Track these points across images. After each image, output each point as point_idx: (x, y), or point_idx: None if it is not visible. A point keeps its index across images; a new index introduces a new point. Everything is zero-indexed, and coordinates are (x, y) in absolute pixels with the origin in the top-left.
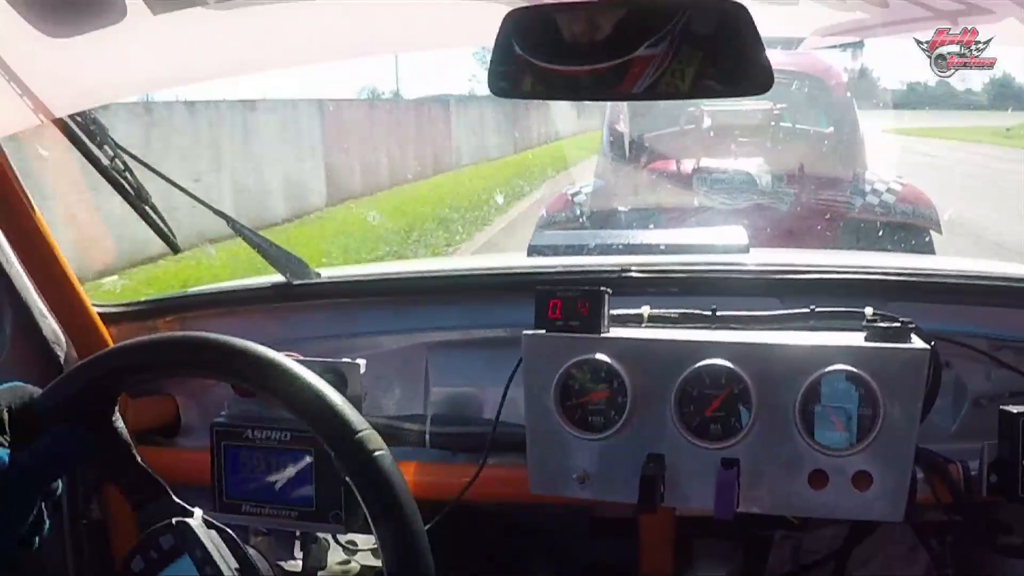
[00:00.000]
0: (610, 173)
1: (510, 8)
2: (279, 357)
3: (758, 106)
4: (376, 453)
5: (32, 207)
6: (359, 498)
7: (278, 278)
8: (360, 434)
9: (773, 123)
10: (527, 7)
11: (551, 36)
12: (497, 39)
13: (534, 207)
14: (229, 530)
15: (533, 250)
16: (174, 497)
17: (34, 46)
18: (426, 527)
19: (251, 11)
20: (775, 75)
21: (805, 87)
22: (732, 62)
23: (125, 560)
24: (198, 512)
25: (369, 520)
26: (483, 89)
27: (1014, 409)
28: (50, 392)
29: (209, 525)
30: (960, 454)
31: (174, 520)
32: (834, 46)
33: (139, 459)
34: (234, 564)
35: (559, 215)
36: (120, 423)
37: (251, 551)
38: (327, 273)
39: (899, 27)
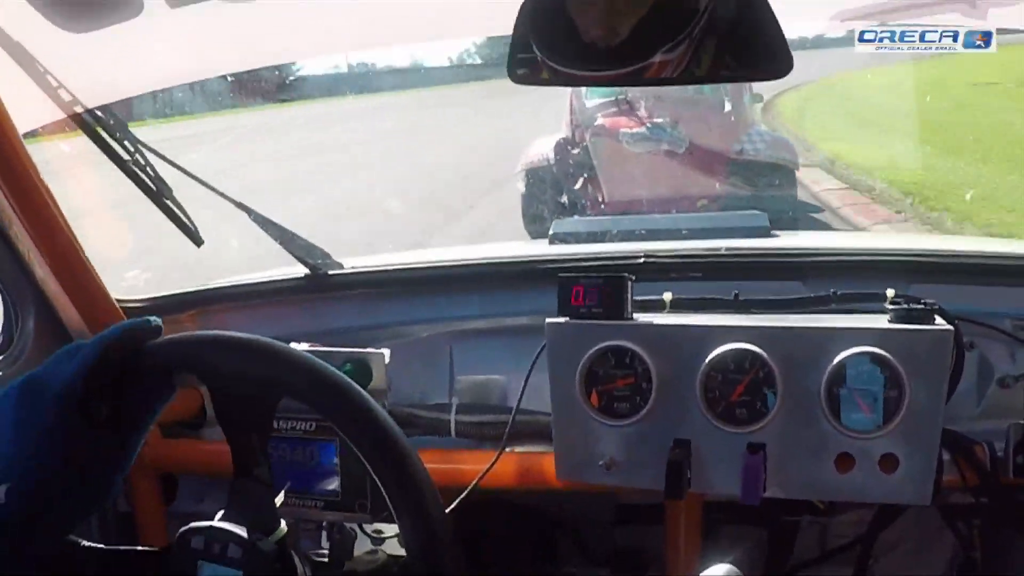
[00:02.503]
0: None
1: None
2: (290, 349)
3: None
4: (398, 443)
5: (54, 201)
6: (381, 489)
7: (302, 270)
8: (381, 424)
9: (682, 90)
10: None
11: (568, 37)
12: (515, 29)
13: None
14: (298, 566)
15: (555, 238)
16: (271, 499)
17: (52, 41)
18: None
19: (267, 1)
20: None
21: None
22: (750, 46)
23: (186, 532)
24: (282, 530)
25: (393, 510)
26: None
27: None
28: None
29: (279, 555)
30: (986, 435)
31: (249, 537)
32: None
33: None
34: None
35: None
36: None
37: None
38: (350, 263)
39: (920, 9)
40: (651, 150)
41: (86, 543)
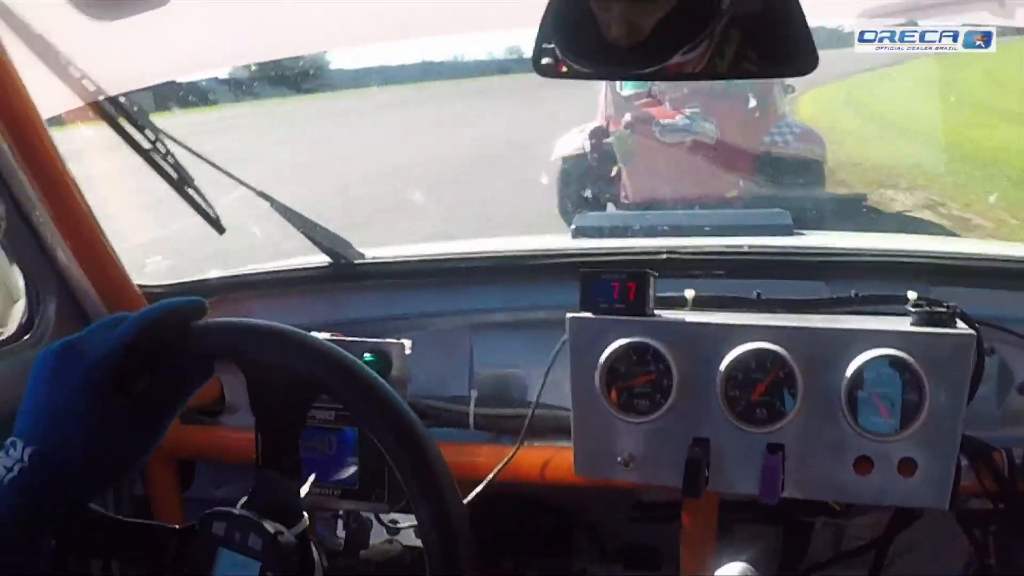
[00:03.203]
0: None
1: None
2: (330, 346)
3: None
4: (418, 434)
5: (77, 187)
6: (400, 479)
7: (323, 259)
8: (404, 417)
9: (714, 83)
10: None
11: (589, 36)
12: (541, 24)
13: None
14: (315, 558)
15: (578, 231)
16: (297, 491)
17: (76, 29)
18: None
19: None
20: None
21: None
22: (775, 42)
23: (209, 516)
24: (304, 522)
25: (410, 500)
26: None
27: None
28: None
29: (299, 548)
30: (1005, 441)
31: (272, 527)
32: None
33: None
34: None
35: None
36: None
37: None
38: (371, 254)
39: (948, 7)
40: (683, 140)
41: (105, 512)
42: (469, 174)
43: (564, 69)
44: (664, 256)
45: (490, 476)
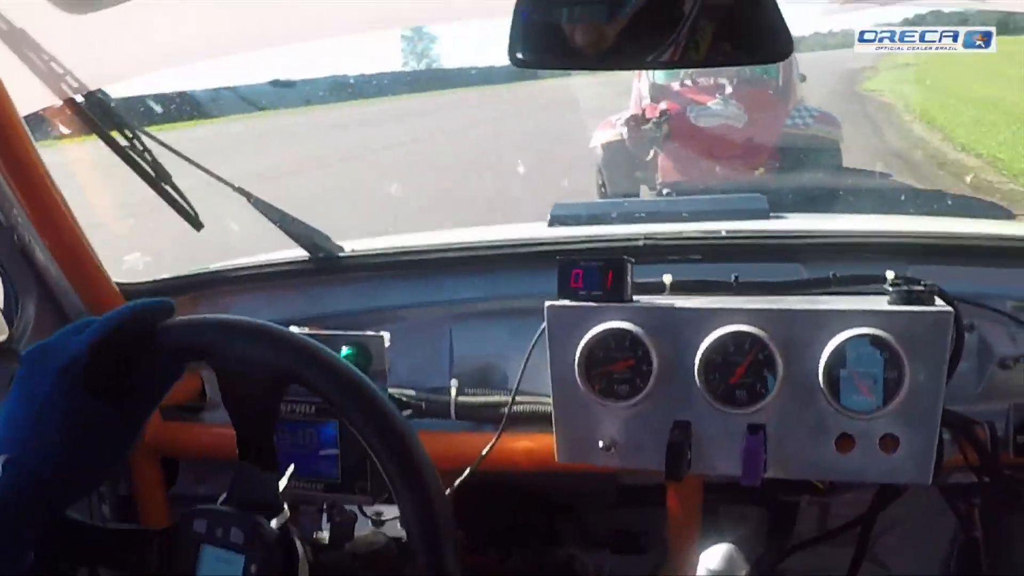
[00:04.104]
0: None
1: None
2: (301, 337)
3: None
4: (398, 426)
5: (54, 185)
6: (381, 471)
7: (301, 253)
8: (381, 407)
9: (740, 71)
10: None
11: (557, 43)
12: (511, 24)
13: None
14: (300, 549)
15: (555, 220)
16: (275, 483)
17: (50, 23)
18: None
19: None
20: None
21: None
22: (748, 30)
23: (188, 514)
24: (285, 514)
25: (393, 492)
26: None
27: None
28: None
29: (281, 540)
30: (987, 415)
31: (252, 520)
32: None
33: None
34: None
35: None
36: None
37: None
38: (350, 247)
39: None
40: (716, 124)
41: (84, 520)
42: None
43: (544, 60)
44: (641, 242)
45: (472, 465)
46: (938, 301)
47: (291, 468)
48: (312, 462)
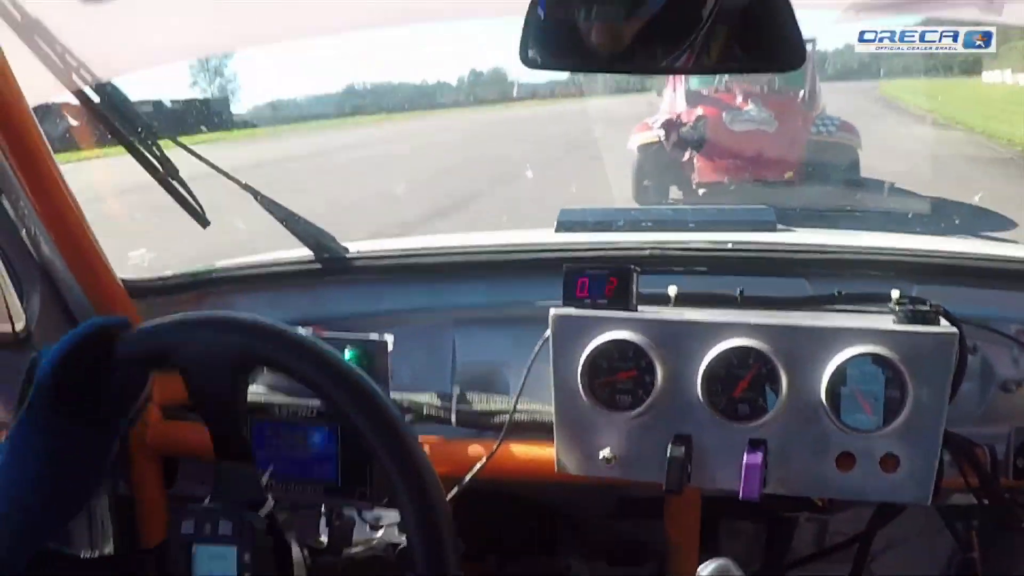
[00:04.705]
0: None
1: None
2: (301, 333)
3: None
4: (401, 431)
5: (63, 180)
6: (384, 476)
7: (306, 253)
8: (385, 412)
9: (770, 80)
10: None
11: (571, 42)
12: (524, 23)
13: None
14: (289, 541)
15: (561, 226)
16: (253, 473)
17: (60, 14)
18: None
19: None
20: None
21: None
22: (762, 37)
23: (178, 516)
24: (269, 505)
25: (394, 498)
26: None
27: None
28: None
29: (270, 528)
30: (987, 438)
31: (239, 512)
32: None
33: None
34: None
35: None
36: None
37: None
38: (355, 248)
39: (937, 3)
40: (748, 129)
41: (65, 550)
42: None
43: (554, 62)
44: (647, 252)
45: (472, 472)
46: (943, 322)
47: (270, 468)
48: (312, 465)
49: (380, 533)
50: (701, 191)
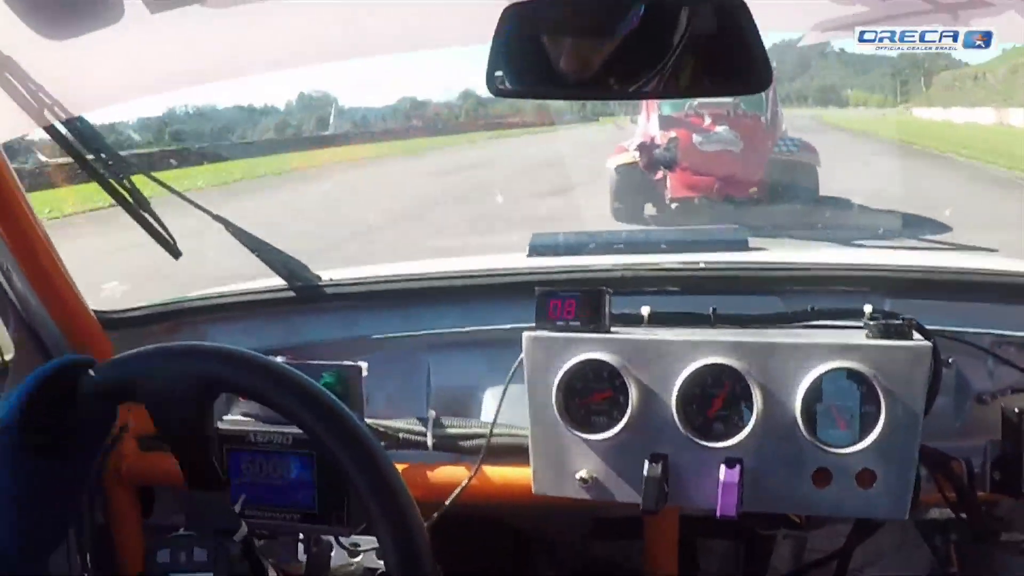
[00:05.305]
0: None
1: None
2: (271, 362)
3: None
4: (376, 458)
5: (32, 213)
6: (361, 502)
7: (279, 282)
8: (360, 437)
9: (735, 104)
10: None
11: (540, 68)
12: (491, 51)
13: None
14: (265, 565)
15: (533, 250)
16: (225, 500)
17: (30, 49)
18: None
19: (251, 10)
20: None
21: None
22: (729, 62)
23: (152, 547)
24: (243, 531)
25: (371, 523)
26: None
27: (1016, 406)
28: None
29: (246, 553)
30: (963, 451)
31: (213, 539)
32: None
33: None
34: None
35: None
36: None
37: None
38: (328, 275)
39: (900, 21)
40: (717, 149)
41: None
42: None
43: (521, 89)
44: (620, 274)
45: (450, 499)
46: (916, 335)
47: (243, 497)
48: (289, 492)
49: (358, 559)
50: (674, 206)
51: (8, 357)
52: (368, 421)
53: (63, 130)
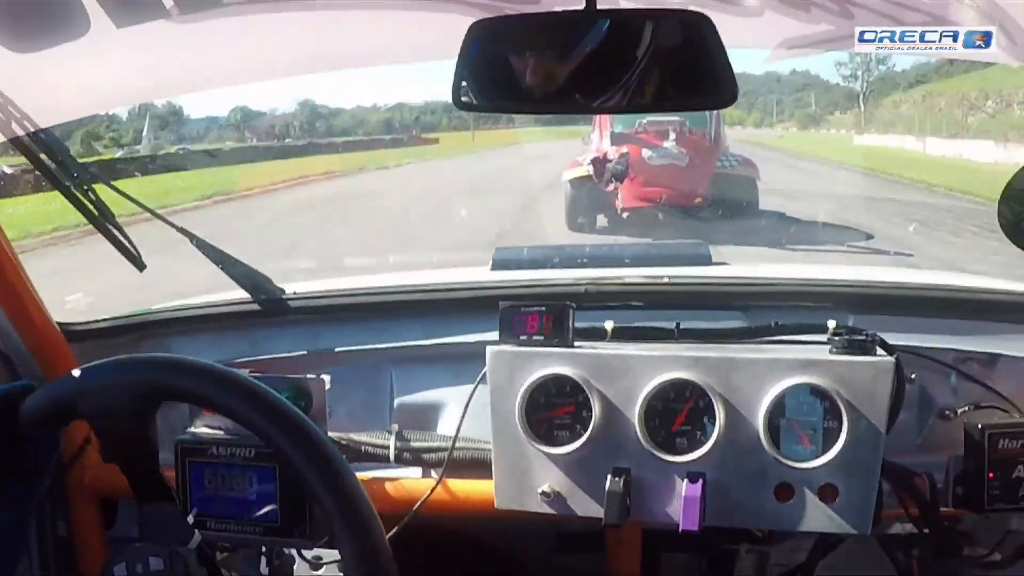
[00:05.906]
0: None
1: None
2: (236, 375)
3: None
4: (339, 470)
5: None
6: (323, 514)
7: (244, 294)
8: (323, 451)
9: (682, 122)
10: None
11: (505, 83)
12: (456, 67)
13: None
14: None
15: (497, 264)
16: (176, 510)
17: None
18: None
19: (215, 25)
20: None
21: None
22: (695, 77)
23: (109, 561)
24: (196, 539)
25: (333, 536)
26: None
27: (979, 422)
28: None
29: (202, 560)
30: (926, 466)
31: (168, 547)
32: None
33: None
34: None
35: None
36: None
37: None
38: (292, 288)
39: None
40: (665, 164)
41: None
42: None
43: (486, 104)
44: (584, 288)
45: (412, 511)
46: (879, 351)
47: (195, 509)
48: (251, 505)
49: (320, 572)
50: (625, 215)
51: None
52: (331, 434)
53: (28, 142)
